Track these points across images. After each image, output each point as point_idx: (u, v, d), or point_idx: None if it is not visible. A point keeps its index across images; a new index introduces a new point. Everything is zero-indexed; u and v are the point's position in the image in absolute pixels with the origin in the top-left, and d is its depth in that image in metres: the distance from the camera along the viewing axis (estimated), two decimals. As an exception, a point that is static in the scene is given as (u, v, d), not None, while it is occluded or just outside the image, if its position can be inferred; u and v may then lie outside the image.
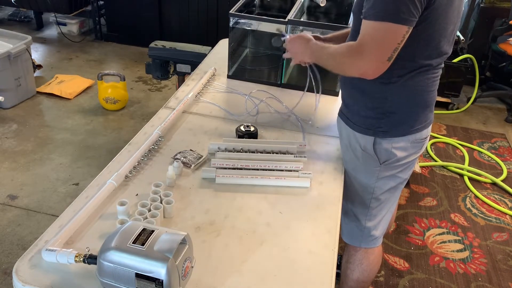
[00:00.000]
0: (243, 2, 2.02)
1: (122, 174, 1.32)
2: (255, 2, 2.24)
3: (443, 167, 3.06)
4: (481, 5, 3.93)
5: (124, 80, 3.37)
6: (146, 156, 1.44)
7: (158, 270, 0.89)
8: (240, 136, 1.59)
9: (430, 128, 1.44)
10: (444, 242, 2.45)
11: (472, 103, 3.84)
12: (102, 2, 4.54)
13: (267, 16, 1.98)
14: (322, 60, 1.38)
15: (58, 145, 3.00)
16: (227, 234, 1.18)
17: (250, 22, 1.98)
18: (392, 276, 2.21)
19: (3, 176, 2.68)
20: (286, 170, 1.41)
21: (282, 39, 1.60)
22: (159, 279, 0.89)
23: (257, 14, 2.23)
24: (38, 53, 4.30)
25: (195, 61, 2.55)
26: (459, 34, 3.75)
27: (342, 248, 1.74)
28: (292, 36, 1.52)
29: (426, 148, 3.16)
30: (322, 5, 2.09)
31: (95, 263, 0.95)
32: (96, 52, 4.41)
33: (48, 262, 1.03)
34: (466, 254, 2.38)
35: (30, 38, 3.40)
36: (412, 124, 1.37)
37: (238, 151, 1.49)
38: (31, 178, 2.68)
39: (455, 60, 3.66)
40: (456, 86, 3.74)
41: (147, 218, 1.16)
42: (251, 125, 1.61)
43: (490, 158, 3.19)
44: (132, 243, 0.92)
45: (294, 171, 1.42)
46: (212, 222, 1.22)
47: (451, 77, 3.67)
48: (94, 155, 2.93)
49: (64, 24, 4.62)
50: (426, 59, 1.27)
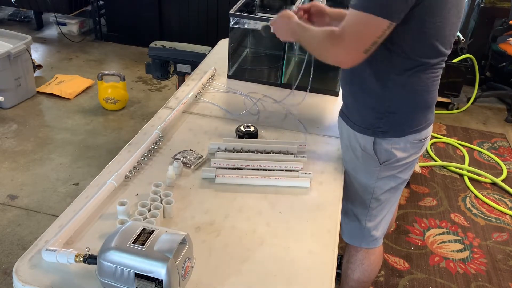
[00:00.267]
0: (243, 2, 2.02)
1: (122, 174, 1.32)
2: (255, 2, 2.24)
3: (443, 167, 3.06)
4: (481, 5, 3.93)
5: (124, 80, 3.37)
6: (146, 156, 1.44)
7: (158, 270, 0.89)
8: (240, 136, 1.59)
9: (430, 128, 1.43)
10: (444, 242, 2.45)
11: (472, 103, 3.84)
12: (102, 2, 4.54)
13: (267, 16, 1.98)
14: (302, 41, 1.38)
15: (58, 145, 3.00)
16: (227, 234, 1.18)
17: (250, 22, 1.98)
18: (392, 276, 2.21)
19: (3, 176, 2.68)
20: (286, 170, 1.41)
21: (269, 23, 1.54)
22: (159, 279, 0.89)
23: (257, 14, 2.23)
24: (38, 53, 4.30)
25: (195, 61, 2.55)
26: (459, 34, 3.75)
27: (343, 248, 1.74)
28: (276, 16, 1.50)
29: (426, 148, 3.15)
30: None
31: (95, 263, 0.95)
32: (96, 52, 4.41)
33: (48, 262, 1.03)
34: (466, 254, 2.38)
35: (30, 38, 3.40)
36: (412, 125, 1.36)
37: (238, 151, 1.49)
38: (31, 178, 2.68)
39: (455, 60, 3.66)
40: (456, 86, 3.75)
41: (147, 218, 1.16)
42: (251, 125, 1.61)
43: (490, 158, 3.19)
44: (132, 243, 0.92)
45: (294, 171, 1.42)
46: (212, 222, 1.22)
47: (451, 77, 3.67)
48: (94, 155, 2.93)
49: (64, 24, 4.63)
50: (423, 57, 1.26)
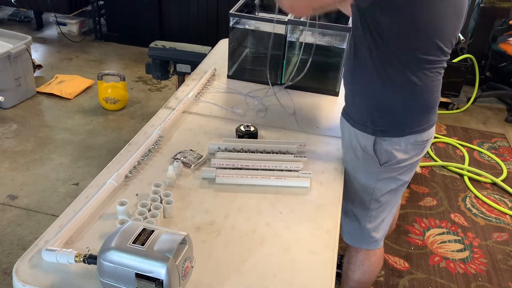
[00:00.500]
0: (243, 2, 2.02)
1: (122, 174, 1.32)
2: (255, 2, 2.24)
3: (443, 167, 3.06)
4: (481, 5, 3.93)
5: (124, 80, 3.37)
6: (146, 156, 1.44)
7: (158, 270, 0.89)
8: (240, 136, 1.58)
9: (432, 130, 1.41)
10: (444, 242, 2.45)
11: (472, 103, 3.85)
12: (102, 2, 4.54)
13: (267, 16, 1.98)
14: None
15: (58, 145, 3.00)
16: (227, 234, 1.18)
17: (250, 22, 1.98)
18: (392, 276, 2.21)
19: (3, 176, 2.68)
20: (286, 170, 1.41)
21: None
22: (159, 279, 0.89)
23: (257, 14, 2.23)
24: (38, 53, 4.30)
25: (195, 61, 2.54)
26: (459, 34, 3.75)
27: (343, 248, 1.74)
28: None
29: (426, 148, 3.16)
30: None
31: (95, 263, 0.95)
32: (96, 52, 4.41)
33: (48, 262, 1.03)
34: (466, 254, 2.38)
35: (30, 38, 3.40)
36: (412, 125, 1.36)
37: (238, 151, 1.49)
38: (31, 178, 2.68)
39: (455, 60, 3.66)
40: (456, 86, 3.75)
41: (147, 218, 1.16)
42: (251, 125, 1.61)
43: (490, 158, 3.19)
44: (132, 243, 0.92)
45: (294, 171, 1.41)
46: (212, 222, 1.22)
47: (451, 77, 3.67)
48: (94, 155, 2.93)
49: (64, 24, 4.63)
50: (421, 53, 1.25)
